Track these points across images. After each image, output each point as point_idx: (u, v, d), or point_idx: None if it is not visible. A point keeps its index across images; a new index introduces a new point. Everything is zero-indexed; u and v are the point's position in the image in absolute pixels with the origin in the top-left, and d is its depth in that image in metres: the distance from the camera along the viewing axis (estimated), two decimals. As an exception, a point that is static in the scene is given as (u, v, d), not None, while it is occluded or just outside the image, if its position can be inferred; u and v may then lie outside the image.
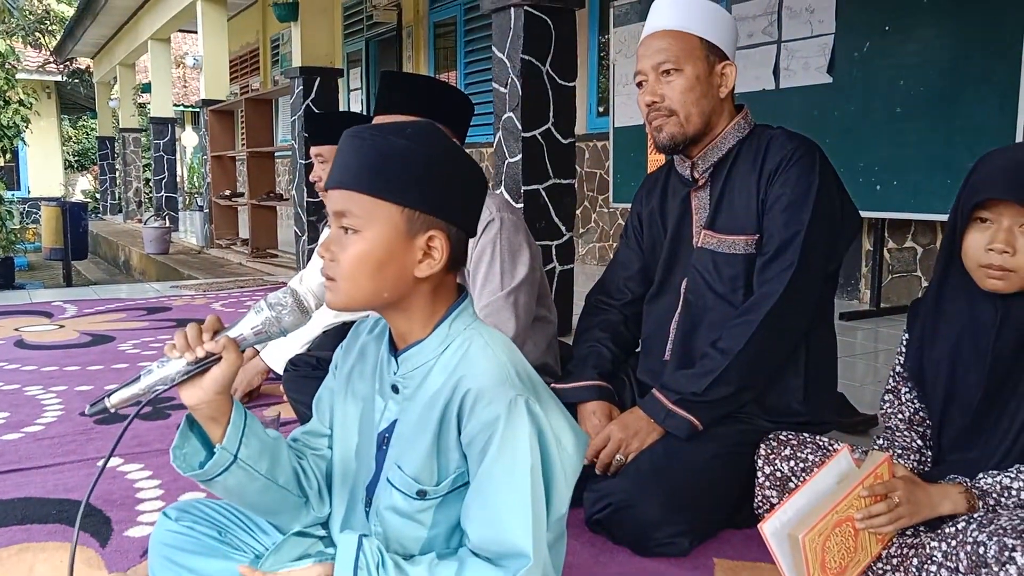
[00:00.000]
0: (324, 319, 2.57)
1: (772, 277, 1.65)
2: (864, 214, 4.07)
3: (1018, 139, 3.34)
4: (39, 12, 14.68)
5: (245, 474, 1.07)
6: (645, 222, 1.93)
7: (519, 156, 3.45)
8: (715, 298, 1.74)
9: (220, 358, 1.03)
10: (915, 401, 1.53)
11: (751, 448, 1.63)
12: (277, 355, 2.60)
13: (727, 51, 1.75)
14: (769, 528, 1.29)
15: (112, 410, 1.04)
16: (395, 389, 1.10)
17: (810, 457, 1.54)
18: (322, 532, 1.21)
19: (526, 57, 3.39)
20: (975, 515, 1.26)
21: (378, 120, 1.88)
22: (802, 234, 1.63)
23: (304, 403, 2.18)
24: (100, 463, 2.03)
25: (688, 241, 1.82)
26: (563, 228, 3.60)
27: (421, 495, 1.05)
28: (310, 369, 2.27)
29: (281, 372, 2.62)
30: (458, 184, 1.05)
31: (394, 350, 1.10)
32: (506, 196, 3.50)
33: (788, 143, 1.71)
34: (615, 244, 1.98)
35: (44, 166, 18.10)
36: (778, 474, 1.57)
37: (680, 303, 1.80)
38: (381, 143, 1.00)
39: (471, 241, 1.92)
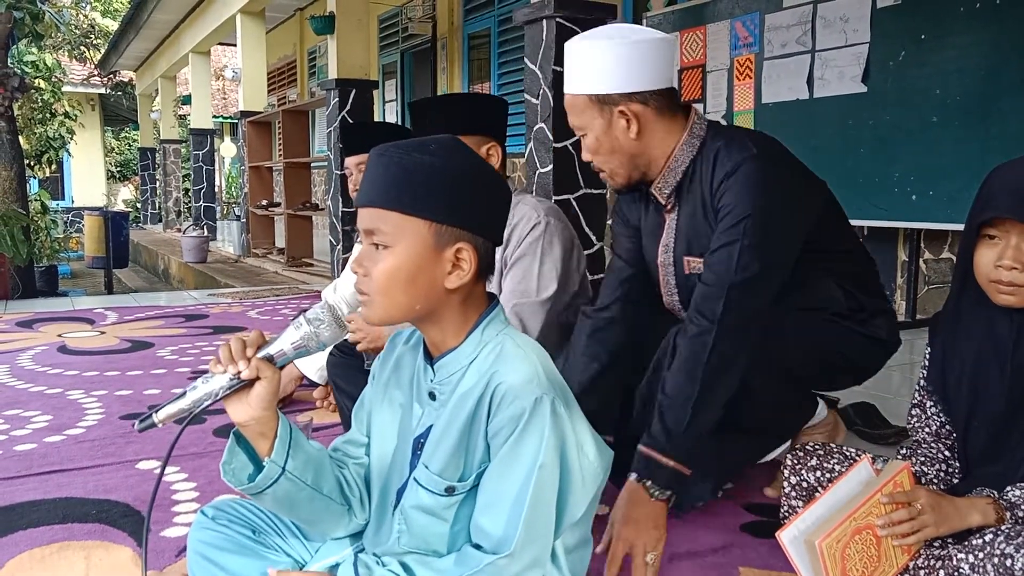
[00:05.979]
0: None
1: (703, 312, 1.57)
2: (899, 224, 4.04)
3: (1057, 148, 3.29)
4: (84, 26, 15.05)
5: (293, 485, 1.11)
6: (632, 231, 1.88)
7: (550, 166, 3.48)
8: None
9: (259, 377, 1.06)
10: (941, 415, 1.52)
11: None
12: (310, 362, 2.65)
13: (630, 85, 1.60)
14: (787, 536, 1.30)
15: (160, 425, 1.08)
16: (432, 396, 1.13)
17: (836, 467, 1.54)
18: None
19: (558, 68, 3.42)
20: (1003, 527, 1.25)
21: None
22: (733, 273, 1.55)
23: (346, 389, 2.23)
24: (156, 471, 2.09)
25: (670, 265, 1.77)
26: (593, 238, 3.62)
27: (449, 491, 1.08)
28: (351, 358, 2.29)
29: (315, 379, 2.67)
30: (482, 196, 1.08)
31: (429, 358, 1.14)
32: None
33: (727, 160, 1.60)
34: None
35: (87, 176, 18.53)
36: (804, 484, 1.57)
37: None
38: (406, 160, 1.04)
39: (516, 234, 1.96)
